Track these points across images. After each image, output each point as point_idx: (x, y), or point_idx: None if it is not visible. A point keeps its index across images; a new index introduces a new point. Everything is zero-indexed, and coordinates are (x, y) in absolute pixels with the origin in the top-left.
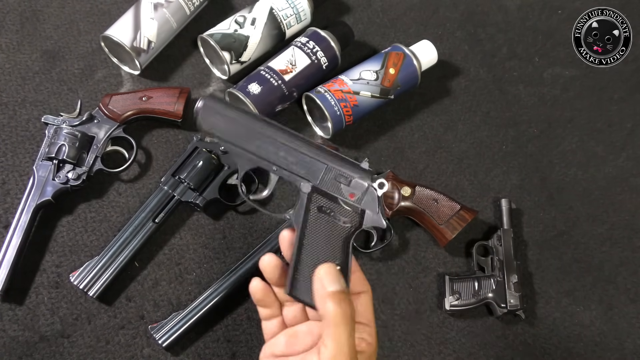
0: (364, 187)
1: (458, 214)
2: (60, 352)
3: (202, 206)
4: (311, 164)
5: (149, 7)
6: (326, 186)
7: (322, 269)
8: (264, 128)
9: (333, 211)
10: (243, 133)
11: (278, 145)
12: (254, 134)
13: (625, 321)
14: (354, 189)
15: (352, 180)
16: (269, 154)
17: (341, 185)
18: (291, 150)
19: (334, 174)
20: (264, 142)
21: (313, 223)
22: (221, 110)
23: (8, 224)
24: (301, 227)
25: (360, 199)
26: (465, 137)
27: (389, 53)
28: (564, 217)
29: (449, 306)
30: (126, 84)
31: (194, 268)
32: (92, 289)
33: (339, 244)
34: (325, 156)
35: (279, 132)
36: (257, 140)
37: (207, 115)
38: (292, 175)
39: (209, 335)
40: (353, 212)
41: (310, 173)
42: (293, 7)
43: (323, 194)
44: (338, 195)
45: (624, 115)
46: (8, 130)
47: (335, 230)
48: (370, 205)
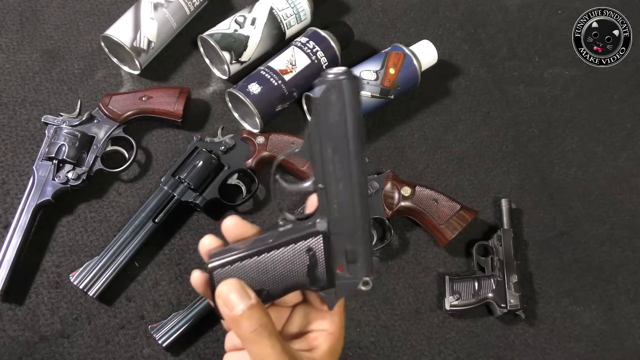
0: (356, 276)
1: (458, 214)
2: (60, 352)
3: (202, 206)
4: (347, 218)
5: (149, 7)
6: (335, 243)
7: (224, 288)
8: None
9: (312, 265)
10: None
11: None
12: (343, 146)
13: (625, 321)
14: (348, 268)
15: (355, 264)
16: (332, 173)
17: (344, 255)
18: (349, 193)
19: (351, 244)
20: (341, 162)
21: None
22: (348, 99)
23: (8, 224)
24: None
25: (342, 278)
26: (465, 137)
27: (389, 53)
28: (564, 217)
29: (449, 306)
30: (126, 84)
31: (194, 268)
32: (92, 289)
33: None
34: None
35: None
36: (338, 154)
37: (332, 92)
38: (323, 205)
39: (209, 335)
40: (326, 280)
41: (338, 222)
42: (293, 7)
43: (325, 244)
44: (332, 258)
45: (624, 115)
46: (8, 130)
47: (297, 274)
48: (342, 289)
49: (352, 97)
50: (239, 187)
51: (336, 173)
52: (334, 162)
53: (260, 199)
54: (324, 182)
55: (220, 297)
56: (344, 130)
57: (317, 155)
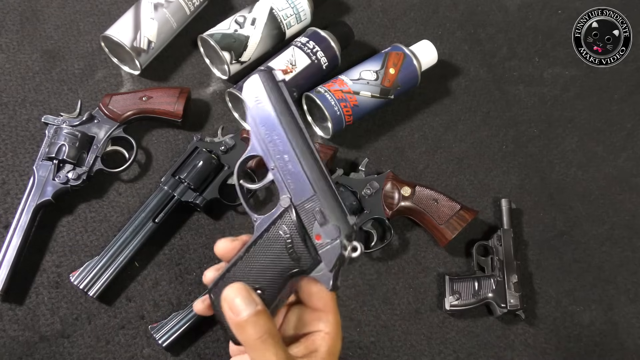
0: (334, 237)
1: (458, 214)
2: (61, 352)
3: (202, 206)
4: (303, 184)
5: (149, 7)
6: (302, 213)
7: (230, 292)
8: (289, 127)
9: (292, 241)
10: (267, 119)
11: (287, 148)
12: (277, 125)
13: (625, 321)
14: (324, 233)
15: (327, 224)
16: (275, 151)
17: (315, 221)
18: (295, 160)
19: (317, 206)
20: (279, 138)
21: (268, 239)
22: (268, 87)
23: (8, 224)
24: (257, 235)
25: (323, 246)
26: (465, 137)
27: (389, 53)
28: (564, 217)
29: (449, 306)
30: (126, 84)
31: (194, 268)
32: (92, 289)
33: (277, 274)
34: (321, 185)
35: (298, 139)
36: (275, 133)
37: (252, 86)
38: (281, 183)
39: (209, 335)
40: (308, 254)
41: (297, 191)
42: (293, 7)
43: (295, 216)
44: (307, 228)
45: (624, 115)
46: (8, 130)
47: (283, 259)
48: (328, 258)
49: (269, 83)
50: None
51: (278, 148)
52: (274, 140)
53: (260, 199)
54: (274, 163)
55: (226, 301)
56: (271, 110)
57: (262, 145)
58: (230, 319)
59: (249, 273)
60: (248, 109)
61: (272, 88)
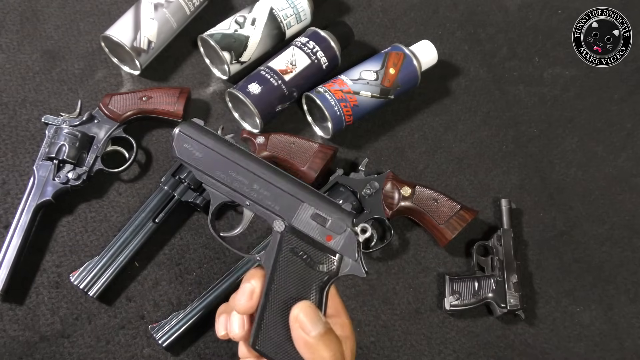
0: (343, 230)
1: (458, 214)
2: (61, 352)
3: (202, 206)
4: (286, 199)
5: (149, 7)
6: (301, 225)
7: (298, 311)
8: (240, 158)
9: (307, 254)
10: (218, 163)
11: (253, 178)
12: (228, 164)
13: (625, 321)
14: (331, 231)
15: (329, 221)
16: (243, 187)
17: (317, 225)
18: (266, 184)
19: (310, 212)
20: (238, 173)
21: (284, 266)
22: (197, 136)
23: (8, 224)
24: (271, 270)
25: (338, 242)
26: (465, 137)
27: (389, 53)
28: (564, 217)
29: (449, 306)
30: (126, 84)
31: (194, 268)
32: (92, 289)
33: (312, 292)
34: (303, 192)
35: (255, 163)
36: (231, 170)
37: (182, 142)
38: (265, 212)
39: (209, 335)
40: (329, 257)
41: (285, 210)
42: (293, 7)
43: (297, 234)
44: (314, 237)
45: (624, 115)
46: (8, 130)
47: (309, 276)
48: (349, 250)
49: (195, 130)
50: None
51: (244, 183)
52: (234, 178)
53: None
54: (247, 199)
55: (297, 320)
56: (214, 152)
57: (223, 190)
58: (301, 339)
59: (284, 306)
60: (191, 164)
61: (201, 133)
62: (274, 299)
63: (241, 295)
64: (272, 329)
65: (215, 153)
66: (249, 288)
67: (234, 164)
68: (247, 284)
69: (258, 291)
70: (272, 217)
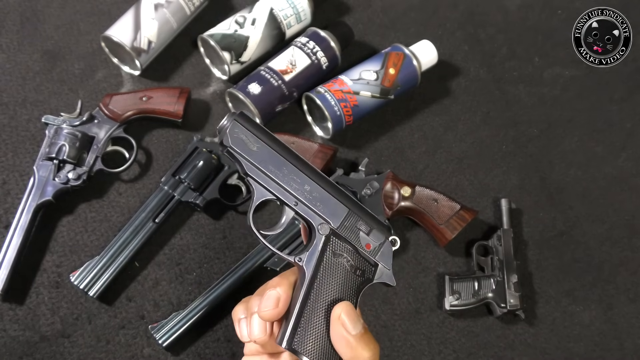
0: (382, 240)
1: (458, 214)
2: (61, 352)
3: (202, 206)
4: (334, 205)
5: (150, 8)
6: (345, 232)
7: (340, 310)
8: (294, 158)
9: (348, 259)
10: (272, 158)
11: (305, 178)
12: (282, 161)
13: (625, 321)
14: (371, 240)
15: (371, 231)
16: (294, 185)
17: (360, 233)
18: (317, 187)
19: (355, 220)
20: (291, 172)
21: (327, 269)
22: (253, 129)
23: (8, 224)
24: (313, 271)
25: (376, 251)
26: (465, 137)
27: (389, 53)
28: (564, 217)
29: (449, 306)
30: (126, 84)
31: (194, 268)
32: (93, 289)
33: (350, 295)
34: (349, 201)
35: (306, 166)
36: (285, 168)
37: (238, 132)
38: (312, 214)
39: (209, 335)
40: (367, 264)
41: (332, 215)
42: (293, 7)
43: (341, 238)
44: (355, 243)
45: (624, 115)
46: (9, 130)
47: (349, 279)
48: (385, 259)
49: (251, 122)
50: (239, 187)
51: (296, 182)
52: (287, 176)
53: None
54: (296, 198)
55: (339, 319)
56: (269, 147)
57: (272, 186)
58: (343, 338)
59: (323, 306)
60: (244, 155)
61: (257, 126)
62: (314, 300)
63: (267, 302)
64: (310, 329)
65: (271, 149)
66: (275, 295)
67: (288, 162)
68: (272, 291)
69: (284, 298)
70: (318, 220)
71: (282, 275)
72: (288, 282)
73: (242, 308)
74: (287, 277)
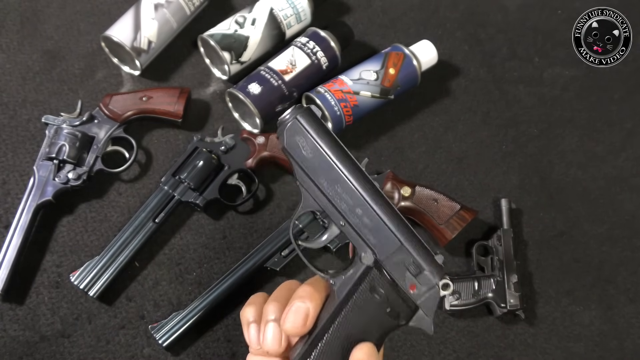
0: (431, 284)
1: (458, 214)
2: (61, 352)
3: (202, 206)
4: (385, 235)
5: (150, 8)
6: (390, 266)
7: (362, 355)
8: (352, 174)
9: (386, 298)
10: (326, 170)
11: (358, 200)
12: (337, 176)
13: (625, 321)
14: (418, 282)
15: (422, 273)
16: (344, 206)
17: (407, 272)
18: (371, 212)
19: (405, 257)
20: (345, 191)
21: (359, 301)
22: (314, 132)
23: (8, 224)
24: (343, 299)
25: (421, 295)
26: (465, 137)
27: (389, 53)
28: (564, 217)
29: (449, 306)
30: (126, 84)
31: (194, 268)
32: (93, 289)
33: (376, 334)
34: (405, 234)
35: (365, 185)
36: (338, 185)
37: (296, 132)
38: (358, 240)
39: (209, 335)
40: (405, 306)
41: (380, 245)
42: (293, 7)
43: (383, 273)
44: (399, 282)
45: (624, 115)
46: (8, 130)
47: (379, 318)
48: (428, 306)
49: (314, 124)
50: (239, 187)
51: (347, 202)
52: (339, 194)
53: (260, 199)
54: (344, 219)
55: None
56: (327, 157)
57: (321, 200)
58: None
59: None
60: (297, 161)
61: (319, 130)
62: (338, 328)
63: (296, 316)
64: (328, 357)
65: (328, 158)
66: (304, 309)
67: (344, 178)
68: (300, 303)
69: (312, 316)
70: (363, 247)
71: (313, 285)
72: (320, 297)
73: (252, 310)
74: (318, 290)
